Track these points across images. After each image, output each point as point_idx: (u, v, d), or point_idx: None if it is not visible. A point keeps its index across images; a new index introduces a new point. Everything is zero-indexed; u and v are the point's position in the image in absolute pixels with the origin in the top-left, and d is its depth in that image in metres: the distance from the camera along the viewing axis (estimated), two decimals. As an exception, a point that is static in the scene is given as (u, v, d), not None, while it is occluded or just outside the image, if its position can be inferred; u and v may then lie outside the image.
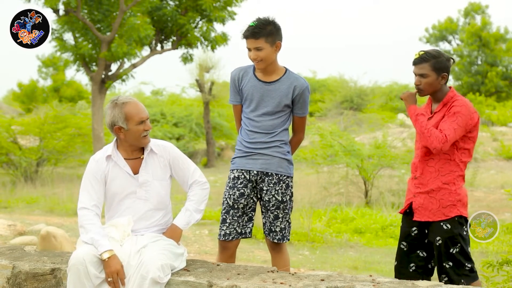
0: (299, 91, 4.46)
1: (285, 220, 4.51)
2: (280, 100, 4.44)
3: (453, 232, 4.20)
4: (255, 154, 4.47)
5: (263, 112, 4.46)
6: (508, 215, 10.33)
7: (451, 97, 4.25)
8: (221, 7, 18.35)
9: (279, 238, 4.51)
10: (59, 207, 12.99)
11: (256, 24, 4.35)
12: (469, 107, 4.20)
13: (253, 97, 4.47)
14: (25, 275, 4.09)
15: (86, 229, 3.90)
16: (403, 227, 4.43)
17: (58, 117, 18.92)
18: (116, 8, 17.83)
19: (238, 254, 8.48)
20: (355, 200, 13.30)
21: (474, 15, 42.73)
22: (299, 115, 4.56)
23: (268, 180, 4.46)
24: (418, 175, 4.32)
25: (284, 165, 4.49)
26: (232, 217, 4.48)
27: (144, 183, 4.05)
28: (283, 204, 4.48)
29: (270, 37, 4.35)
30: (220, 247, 4.55)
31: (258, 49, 4.35)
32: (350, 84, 34.64)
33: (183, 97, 34.47)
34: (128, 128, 3.98)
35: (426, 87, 4.27)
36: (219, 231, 4.52)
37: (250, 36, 4.35)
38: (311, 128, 14.36)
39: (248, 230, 4.53)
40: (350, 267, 7.80)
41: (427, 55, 4.25)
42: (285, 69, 4.53)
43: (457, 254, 4.19)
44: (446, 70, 4.25)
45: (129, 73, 18.50)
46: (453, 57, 4.88)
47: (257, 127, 4.47)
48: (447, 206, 4.22)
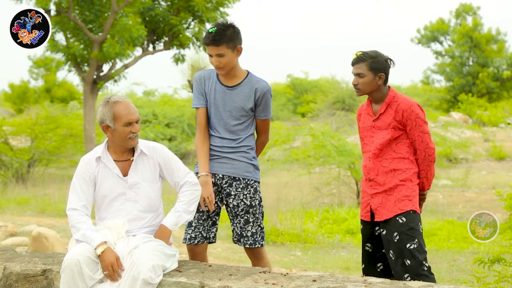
0: (260, 93, 4.41)
1: (256, 225, 4.45)
2: (243, 104, 4.40)
3: (409, 226, 4.20)
4: (222, 158, 4.43)
5: (226, 116, 4.41)
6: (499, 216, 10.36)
7: (393, 97, 4.31)
8: (213, 7, 18.35)
9: (251, 243, 4.44)
10: (50, 208, 12.95)
11: (216, 30, 4.28)
12: (416, 106, 4.28)
13: (216, 101, 4.43)
14: (16, 276, 4.07)
15: (77, 228, 3.89)
16: (364, 229, 4.43)
17: (49, 118, 18.85)
18: (108, 9, 17.79)
19: (230, 255, 8.48)
20: (347, 201, 13.30)
21: (466, 16, 42.82)
22: (262, 117, 4.51)
23: (236, 184, 4.42)
24: (373, 176, 4.34)
25: (251, 170, 4.46)
26: (197, 220, 4.43)
27: (134, 185, 4.04)
28: (252, 209, 4.43)
29: (231, 43, 4.30)
30: (189, 253, 4.49)
31: (219, 56, 4.30)
32: (342, 85, 34.62)
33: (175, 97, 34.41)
34: (114, 128, 3.98)
35: (363, 87, 4.33)
36: (184, 235, 4.48)
37: (211, 43, 4.28)
38: (303, 128, 14.35)
39: (212, 234, 4.49)
40: (342, 268, 7.80)
41: (364, 56, 4.31)
42: (247, 72, 4.49)
43: (415, 251, 4.17)
44: (384, 70, 4.30)
45: (121, 73, 18.47)
46: (392, 58, 4.95)
47: (221, 131, 4.42)
48: (402, 200, 4.24)
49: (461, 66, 40.94)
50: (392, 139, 4.29)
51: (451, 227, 10.70)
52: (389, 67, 4.36)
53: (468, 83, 40.21)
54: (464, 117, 31.55)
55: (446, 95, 41.03)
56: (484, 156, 22.44)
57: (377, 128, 4.35)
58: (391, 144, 4.30)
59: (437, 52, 43.56)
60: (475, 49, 40.53)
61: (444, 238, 9.89)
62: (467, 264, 7.70)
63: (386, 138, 4.28)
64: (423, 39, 43.81)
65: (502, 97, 40.24)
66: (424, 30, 43.84)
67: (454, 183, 16.29)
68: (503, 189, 7.16)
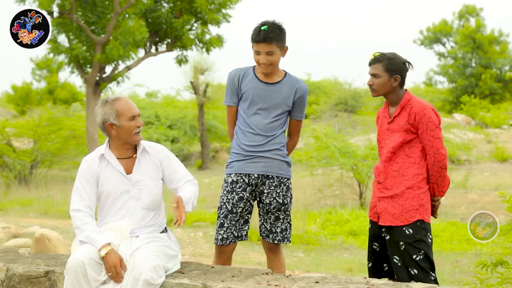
0: (300, 93, 4.47)
1: (286, 222, 4.50)
2: (281, 102, 4.43)
3: (415, 238, 4.17)
4: (255, 157, 4.43)
5: (263, 113, 4.43)
6: (502, 217, 10.34)
7: (408, 100, 4.28)
8: (216, 9, 18.36)
9: (280, 239, 4.49)
10: (53, 209, 12.97)
11: (268, 28, 4.31)
12: (429, 109, 4.25)
13: (254, 97, 4.44)
14: (19, 278, 4.08)
15: (81, 229, 3.90)
16: (372, 229, 4.44)
17: (52, 119, 18.89)
18: (111, 10, 17.81)
19: (233, 256, 8.47)
20: (349, 202, 13.29)
21: (469, 18, 42.81)
22: (297, 118, 4.56)
23: (269, 183, 4.43)
24: (382, 179, 4.33)
25: (284, 167, 4.48)
26: (230, 221, 4.44)
27: (137, 182, 4.05)
28: (284, 206, 4.47)
29: (280, 42, 4.34)
30: (217, 251, 4.52)
31: (269, 54, 4.33)
32: (345, 86, 34.61)
33: (178, 99, 34.44)
34: (120, 124, 3.98)
35: (378, 88, 4.30)
36: (216, 236, 4.49)
37: (263, 40, 4.31)
38: (306, 130, 14.35)
39: (244, 233, 4.52)
40: (344, 269, 7.80)
41: (381, 57, 4.30)
42: (285, 72, 4.52)
43: (421, 262, 4.16)
44: (400, 72, 4.28)
45: (123, 75, 18.50)
46: (410, 61, 4.93)
47: (256, 128, 4.43)
48: (409, 210, 4.20)
49: (463, 67, 40.91)
50: (405, 142, 4.25)
51: (453, 228, 10.69)
52: (406, 70, 4.33)
53: (470, 84, 40.17)
54: (466, 119, 31.52)
55: (448, 96, 41.00)
56: (487, 157, 22.43)
57: (391, 131, 4.33)
58: (404, 148, 4.27)
59: (440, 54, 43.54)
60: (478, 51, 40.50)
61: (447, 240, 9.88)
62: (470, 266, 7.68)
63: (398, 141, 4.25)
64: (426, 40, 43.79)
65: (505, 98, 40.21)
66: (427, 32, 43.83)
67: (457, 185, 16.28)
68: (505, 190, 7.15)
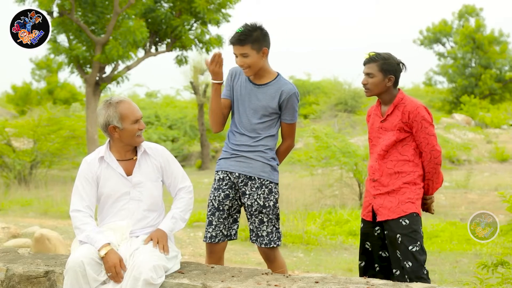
0: (286, 95, 4.41)
1: (271, 225, 4.43)
2: (266, 103, 4.41)
3: (412, 228, 4.21)
4: (239, 156, 4.44)
5: (250, 114, 4.43)
6: (502, 217, 10.34)
7: (401, 99, 4.34)
8: (215, 9, 18.37)
9: (266, 242, 4.42)
10: (53, 209, 12.96)
11: (243, 30, 4.31)
12: (422, 108, 4.30)
13: (242, 97, 4.46)
14: (18, 278, 4.07)
15: (81, 229, 3.89)
16: (364, 228, 4.46)
17: (52, 119, 18.89)
18: (110, 10, 17.82)
19: (233, 256, 8.47)
20: (349, 202, 13.29)
21: (468, 18, 42.83)
22: (287, 121, 4.51)
23: (251, 184, 4.41)
24: (378, 177, 4.35)
25: (267, 170, 4.43)
26: (218, 219, 4.43)
27: (138, 184, 4.05)
28: (266, 209, 4.40)
29: (256, 44, 4.32)
30: (208, 251, 4.51)
31: (244, 56, 4.33)
32: (344, 86, 34.64)
33: (178, 99, 34.46)
34: (123, 127, 3.98)
35: (372, 87, 4.35)
36: (205, 233, 4.48)
37: (236, 42, 4.32)
38: (306, 130, 14.34)
39: (234, 232, 4.50)
40: (344, 270, 7.79)
41: (376, 56, 4.35)
42: (277, 74, 4.50)
43: (417, 253, 4.19)
44: (394, 72, 4.33)
45: (123, 75, 18.50)
46: (404, 62, 4.96)
47: (242, 128, 4.44)
48: (406, 202, 4.25)
49: (463, 67, 40.93)
50: (398, 140, 4.30)
51: (453, 228, 10.69)
52: (400, 71, 4.39)
53: (470, 84, 40.18)
54: (466, 119, 31.54)
55: (448, 96, 41.02)
56: (487, 157, 22.44)
57: (384, 129, 4.37)
58: (397, 146, 4.32)
59: (440, 54, 43.55)
60: (477, 51, 40.52)
61: (446, 240, 9.88)
62: (469, 266, 7.68)
63: (392, 139, 4.30)
64: (426, 40, 43.82)
65: (504, 98, 40.24)
66: (427, 32, 43.85)
67: (457, 185, 16.28)
68: (505, 190, 7.15)
